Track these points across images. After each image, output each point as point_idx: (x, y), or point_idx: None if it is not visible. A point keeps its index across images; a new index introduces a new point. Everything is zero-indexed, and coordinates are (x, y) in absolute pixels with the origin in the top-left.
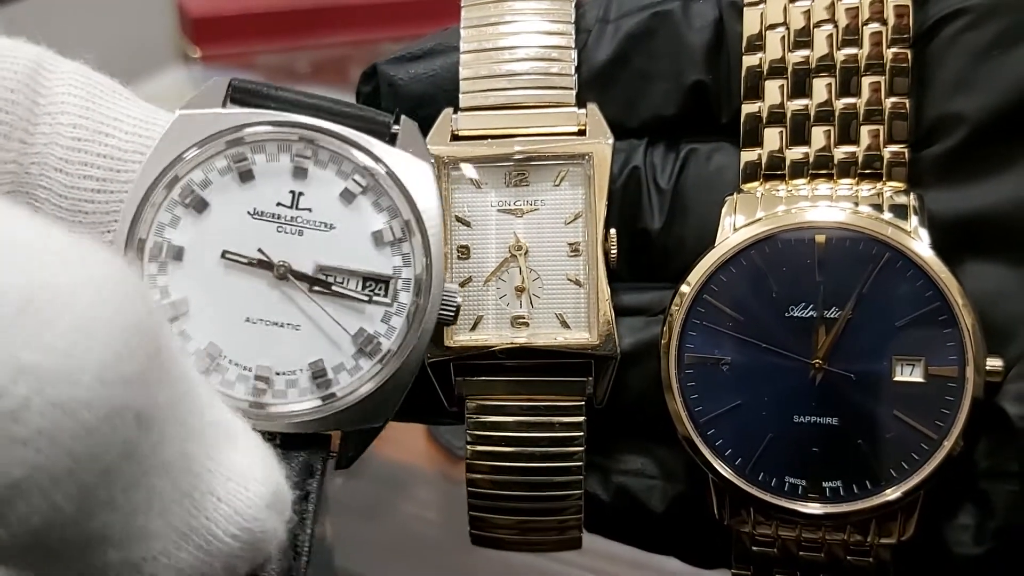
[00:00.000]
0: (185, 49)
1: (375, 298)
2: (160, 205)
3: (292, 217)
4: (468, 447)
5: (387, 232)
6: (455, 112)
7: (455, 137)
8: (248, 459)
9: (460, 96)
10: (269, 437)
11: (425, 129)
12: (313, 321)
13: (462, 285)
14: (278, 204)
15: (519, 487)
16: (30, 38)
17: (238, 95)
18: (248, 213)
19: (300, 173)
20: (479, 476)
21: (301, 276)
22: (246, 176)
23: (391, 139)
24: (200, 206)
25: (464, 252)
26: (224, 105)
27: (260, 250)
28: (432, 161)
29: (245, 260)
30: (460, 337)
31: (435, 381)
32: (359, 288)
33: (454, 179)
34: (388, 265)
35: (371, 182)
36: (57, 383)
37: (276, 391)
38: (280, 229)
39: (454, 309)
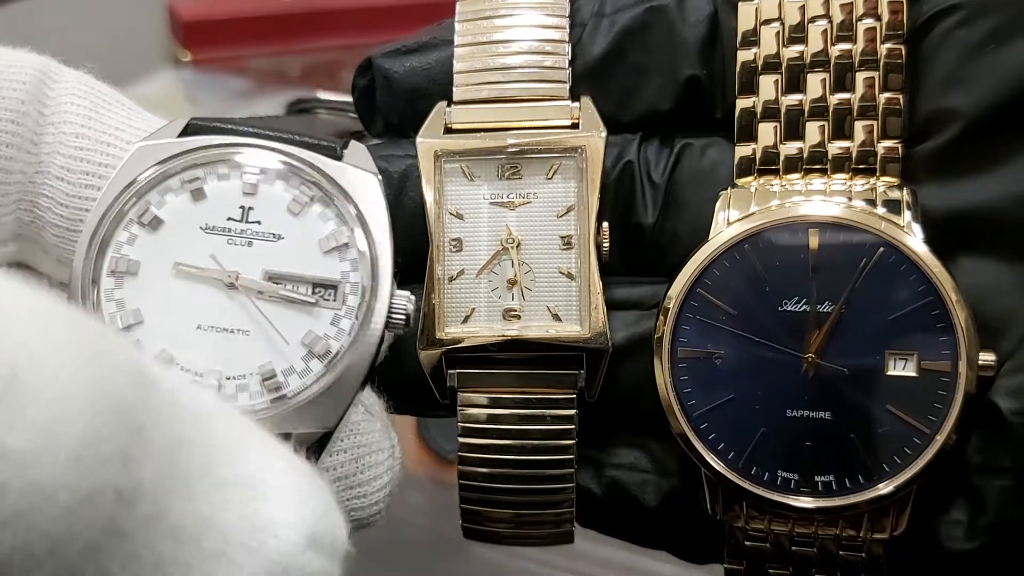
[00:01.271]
0: (176, 53)
1: (323, 301)
2: (119, 223)
3: (242, 230)
4: (459, 440)
5: (333, 238)
6: (449, 105)
7: (448, 130)
8: (275, 505)
9: (454, 89)
10: None
11: (422, 123)
12: (261, 326)
13: (454, 279)
14: (228, 219)
15: (511, 480)
16: (21, 41)
17: (194, 131)
18: (200, 228)
19: (250, 189)
20: (470, 469)
21: (249, 283)
22: (198, 195)
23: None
24: (155, 223)
25: (456, 245)
26: (180, 136)
27: (212, 256)
28: (379, 176)
29: (196, 269)
30: (452, 330)
31: (427, 373)
32: (308, 293)
33: (447, 172)
34: (336, 270)
35: (317, 193)
36: (37, 465)
37: (227, 395)
38: (231, 241)
39: (404, 316)
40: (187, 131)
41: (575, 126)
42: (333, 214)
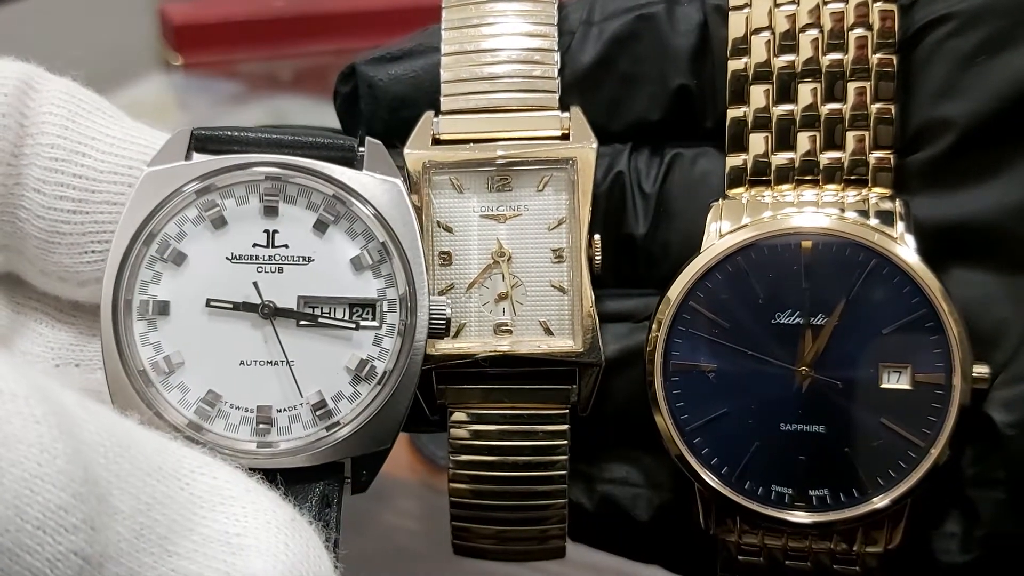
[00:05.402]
0: (167, 57)
1: (363, 323)
2: (140, 263)
3: (270, 256)
4: (450, 456)
5: (365, 257)
6: (436, 115)
7: (436, 141)
8: (251, 559)
9: (441, 99)
10: (273, 476)
11: (405, 132)
12: (305, 355)
13: (443, 292)
14: (254, 245)
15: (502, 496)
16: (12, 45)
17: (201, 144)
18: (226, 258)
19: (271, 212)
20: (461, 485)
21: (286, 313)
22: (219, 222)
23: (358, 162)
24: (178, 259)
25: (446, 258)
26: (188, 156)
27: (255, 284)
28: (402, 177)
29: (230, 306)
30: (442, 345)
31: (417, 389)
32: (346, 315)
33: (436, 184)
34: (371, 289)
35: (342, 209)
36: (4, 532)
37: (280, 428)
38: (260, 269)
39: (444, 321)
40: (192, 147)
41: (565, 136)
42: (360, 230)
